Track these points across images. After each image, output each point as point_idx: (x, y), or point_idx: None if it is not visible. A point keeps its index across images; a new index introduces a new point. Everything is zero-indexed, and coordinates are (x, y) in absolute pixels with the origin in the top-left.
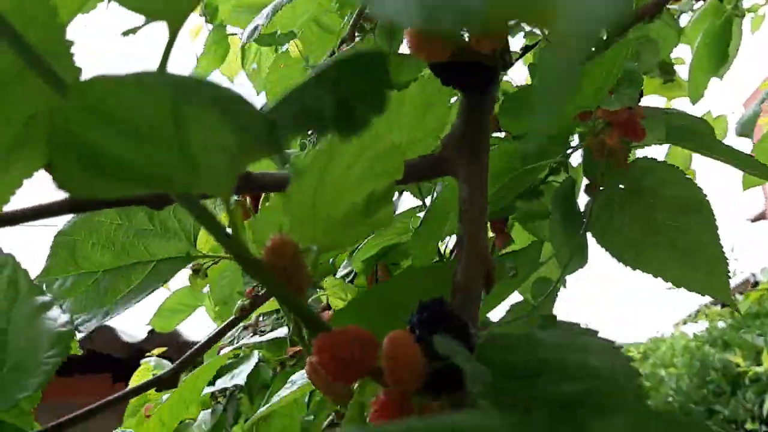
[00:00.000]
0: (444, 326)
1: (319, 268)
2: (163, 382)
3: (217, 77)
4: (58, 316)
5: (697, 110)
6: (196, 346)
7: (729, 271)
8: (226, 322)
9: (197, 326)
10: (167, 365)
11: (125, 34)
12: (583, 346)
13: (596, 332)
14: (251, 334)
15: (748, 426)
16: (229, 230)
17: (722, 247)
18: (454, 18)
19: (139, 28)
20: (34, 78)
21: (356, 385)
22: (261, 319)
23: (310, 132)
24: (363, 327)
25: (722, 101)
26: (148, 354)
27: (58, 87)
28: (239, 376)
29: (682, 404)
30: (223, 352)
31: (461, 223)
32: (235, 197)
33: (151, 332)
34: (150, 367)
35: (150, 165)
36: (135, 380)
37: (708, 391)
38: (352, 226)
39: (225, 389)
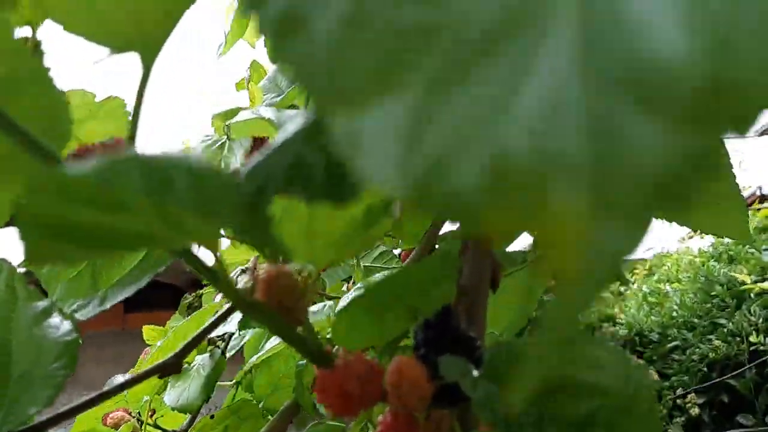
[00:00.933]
0: (449, 344)
1: None
2: (167, 368)
3: (241, 46)
4: (60, 323)
5: None
6: (198, 331)
7: (748, 214)
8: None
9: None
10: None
11: (96, 63)
12: (595, 360)
13: (606, 342)
14: (248, 279)
15: (752, 339)
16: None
17: (739, 189)
18: (438, 201)
19: (106, 58)
20: None
21: None
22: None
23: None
24: (369, 324)
25: None
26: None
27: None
28: (231, 323)
29: (686, 318)
30: (217, 299)
31: None
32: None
33: None
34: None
35: (129, 231)
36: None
37: (712, 305)
38: (351, 239)
39: (223, 333)
